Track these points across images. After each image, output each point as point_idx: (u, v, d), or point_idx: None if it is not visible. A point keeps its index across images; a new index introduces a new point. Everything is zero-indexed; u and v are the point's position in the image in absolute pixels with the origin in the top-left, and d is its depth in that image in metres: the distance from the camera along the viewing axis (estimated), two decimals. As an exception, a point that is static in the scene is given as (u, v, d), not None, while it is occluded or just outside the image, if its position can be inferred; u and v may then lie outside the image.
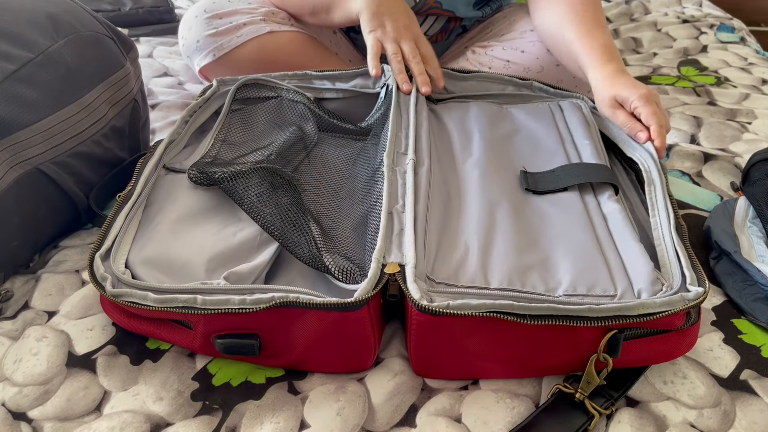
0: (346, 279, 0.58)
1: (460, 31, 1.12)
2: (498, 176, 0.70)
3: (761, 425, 0.55)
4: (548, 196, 0.68)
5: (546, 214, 0.66)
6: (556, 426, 0.54)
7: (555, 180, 0.70)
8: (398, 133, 0.75)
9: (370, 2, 0.83)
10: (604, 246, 0.61)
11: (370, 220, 0.65)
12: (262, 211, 0.65)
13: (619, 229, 0.63)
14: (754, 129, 1.02)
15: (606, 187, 0.69)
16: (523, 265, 0.58)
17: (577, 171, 0.71)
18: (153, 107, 1.07)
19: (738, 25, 1.44)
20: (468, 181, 0.69)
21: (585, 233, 0.63)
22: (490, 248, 0.60)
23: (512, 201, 0.67)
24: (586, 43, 0.82)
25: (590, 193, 0.69)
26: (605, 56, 0.80)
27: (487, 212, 0.64)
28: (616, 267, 0.59)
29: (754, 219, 0.74)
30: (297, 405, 0.57)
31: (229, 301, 0.55)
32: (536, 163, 0.74)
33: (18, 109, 0.67)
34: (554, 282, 0.57)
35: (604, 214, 0.66)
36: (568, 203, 0.67)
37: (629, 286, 0.57)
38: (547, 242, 0.62)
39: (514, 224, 0.63)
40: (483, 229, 0.62)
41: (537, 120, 0.82)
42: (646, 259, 0.59)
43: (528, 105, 0.87)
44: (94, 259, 0.60)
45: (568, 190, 0.69)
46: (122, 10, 1.39)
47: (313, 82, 0.87)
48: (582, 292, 0.56)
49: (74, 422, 0.56)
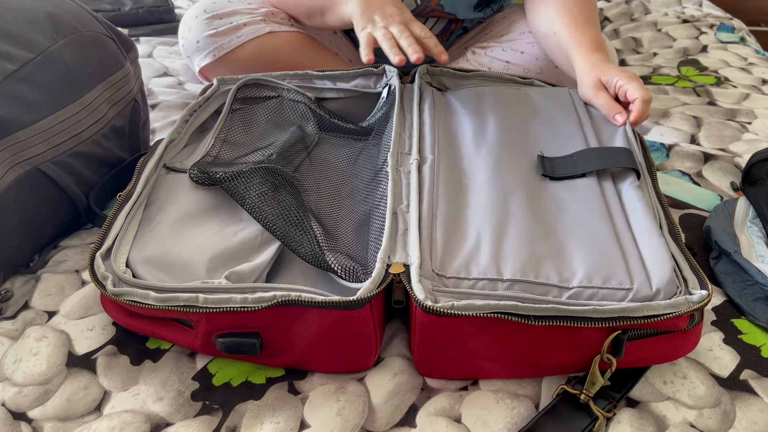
0: (350, 277, 0.58)
1: (460, 32, 1.12)
2: (513, 162, 0.69)
3: (761, 425, 0.55)
4: (566, 182, 0.67)
5: (562, 202, 0.64)
6: (559, 428, 0.54)
7: (573, 165, 0.68)
8: (402, 134, 0.75)
9: (360, 3, 0.84)
10: (621, 237, 0.60)
11: (372, 220, 0.65)
12: (263, 211, 0.65)
13: (639, 220, 0.62)
14: (754, 129, 1.02)
15: (627, 173, 0.67)
16: (537, 255, 0.57)
17: (595, 156, 0.69)
18: (153, 107, 1.07)
19: (738, 25, 1.45)
20: (481, 169, 0.68)
21: (602, 223, 0.61)
22: (502, 238, 0.59)
23: (527, 188, 0.65)
24: (575, 36, 0.84)
25: (609, 179, 0.67)
26: (592, 47, 0.82)
27: (501, 201, 0.63)
28: (634, 260, 0.57)
29: (754, 219, 0.74)
30: (297, 405, 0.57)
31: (231, 300, 0.55)
32: (554, 147, 0.72)
33: (18, 109, 0.67)
34: (569, 272, 0.56)
35: (624, 203, 0.64)
36: (586, 190, 0.65)
37: (646, 280, 0.55)
38: (562, 231, 0.60)
39: (529, 212, 0.62)
40: (496, 219, 0.61)
41: (555, 103, 0.80)
42: (667, 255, 0.57)
43: (547, 88, 0.85)
44: (95, 258, 0.60)
45: (586, 176, 0.67)
46: (122, 10, 1.39)
47: (314, 82, 0.87)
48: (597, 284, 0.55)
49: (74, 422, 0.56)
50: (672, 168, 0.92)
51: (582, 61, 0.81)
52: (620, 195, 0.66)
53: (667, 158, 0.94)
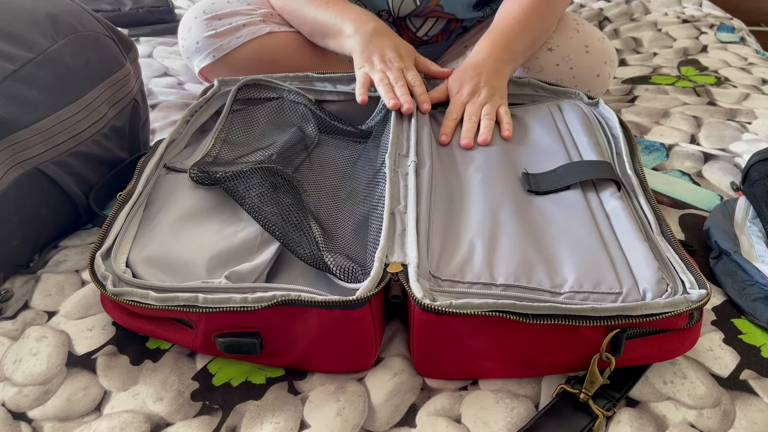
0: (348, 278, 0.58)
1: (460, 31, 1.12)
2: (500, 179, 0.70)
3: (761, 425, 0.55)
4: (551, 195, 0.69)
5: (549, 214, 0.66)
6: (559, 428, 0.54)
7: (557, 179, 0.70)
8: (399, 135, 0.76)
9: (361, 42, 0.87)
10: (608, 244, 0.61)
11: (371, 221, 0.66)
12: (263, 211, 0.65)
13: (623, 228, 0.63)
14: (754, 129, 1.02)
15: (608, 184, 0.69)
16: (528, 262, 0.58)
17: (577, 169, 0.71)
18: (153, 107, 1.08)
19: (738, 25, 1.45)
20: (470, 185, 0.70)
21: (589, 231, 0.63)
22: (495, 246, 0.60)
23: (515, 202, 0.67)
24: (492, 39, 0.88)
25: (592, 191, 0.69)
26: (496, 46, 0.87)
27: (491, 213, 0.65)
28: (621, 265, 0.59)
29: (754, 219, 0.74)
30: (297, 405, 0.57)
31: (231, 300, 0.55)
32: (538, 164, 0.74)
33: (18, 109, 0.67)
34: (560, 278, 0.57)
35: (607, 212, 0.66)
36: (571, 202, 0.67)
37: (634, 284, 0.57)
38: (551, 240, 0.62)
39: (518, 224, 0.63)
40: (487, 229, 0.62)
41: (537, 121, 0.82)
42: (650, 258, 0.59)
43: (528, 107, 0.87)
44: (95, 258, 0.60)
45: (570, 188, 0.69)
46: (122, 10, 1.39)
47: (314, 84, 0.87)
48: (588, 288, 0.56)
49: (74, 422, 0.56)
50: (672, 168, 0.92)
51: (475, 52, 0.87)
52: (603, 204, 0.67)
53: (667, 158, 0.94)
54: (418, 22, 1.07)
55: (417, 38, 1.09)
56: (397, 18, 1.05)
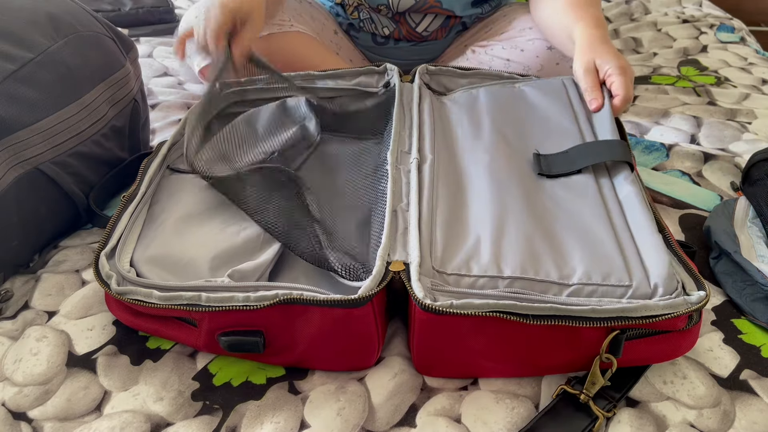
0: (350, 276, 0.58)
1: (460, 28, 1.12)
2: (509, 161, 0.69)
3: (761, 425, 0.55)
4: (561, 179, 0.67)
5: (559, 200, 0.64)
6: (559, 428, 0.54)
7: (568, 162, 0.68)
8: (401, 132, 0.75)
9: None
10: (619, 234, 0.60)
11: (373, 219, 0.65)
12: (264, 211, 0.65)
13: (635, 217, 0.62)
14: (754, 129, 1.02)
15: (621, 167, 0.67)
16: (536, 253, 0.57)
17: (590, 151, 0.68)
18: (153, 107, 1.07)
19: (738, 25, 1.45)
20: (477, 169, 0.68)
21: (599, 220, 0.61)
22: (501, 237, 0.59)
23: (524, 187, 0.65)
24: (577, 13, 0.85)
25: (605, 175, 0.68)
26: (593, 22, 0.83)
27: (498, 200, 0.63)
28: (632, 257, 0.58)
29: (754, 219, 0.74)
30: (297, 405, 0.57)
31: (234, 299, 0.55)
32: (550, 144, 0.72)
33: (18, 109, 0.67)
34: (568, 269, 0.56)
35: (620, 199, 0.64)
36: (582, 187, 0.66)
37: (645, 278, 0.56)
38: (560, 229, 0.60)
39: (526, 211, 0.62)
40: (494, 218, 0.61)
41: (550, 97, 0.80)
42: (663, 251, 0.58)
43: (541, 81, 0.84)
44: (100, 258, 0.60)
45: (582, 172, 0.67)
46: (122, 10, 1.38)
47: (316, 82, 0.87)
48: (597, 281, 0.55)
49: (74, 422, 0.56)
50: (672, 168, 0.92)
51: (582, 37, 0.81)
52: (616, 190, 0.66)
53: (667, 158, 0.94)
54: (418, 17, 1.07)
55: (416, 34, 1.09)
56: (396, 13, 1.05)
